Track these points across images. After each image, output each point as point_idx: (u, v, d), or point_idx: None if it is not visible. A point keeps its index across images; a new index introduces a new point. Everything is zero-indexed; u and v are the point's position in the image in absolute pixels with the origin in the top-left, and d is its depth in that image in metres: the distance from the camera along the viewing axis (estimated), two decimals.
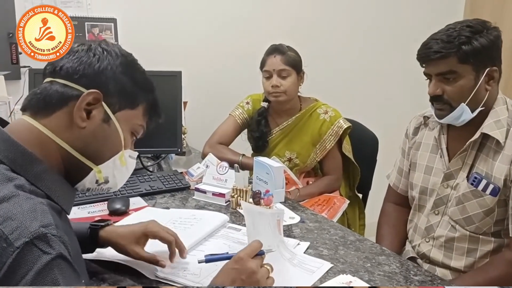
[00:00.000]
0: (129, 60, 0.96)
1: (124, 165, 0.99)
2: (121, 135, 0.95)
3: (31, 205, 0.76)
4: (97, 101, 0.89)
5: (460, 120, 1.40)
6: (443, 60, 1.34)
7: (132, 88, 0.95)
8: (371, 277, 1.20)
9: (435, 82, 1.39)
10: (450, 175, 1.47)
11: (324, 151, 2.14)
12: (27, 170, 0.83)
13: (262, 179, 1.71)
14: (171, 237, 1.17)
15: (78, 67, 0.89)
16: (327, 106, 2.18)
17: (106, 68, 0.91)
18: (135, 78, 0.96)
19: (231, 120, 2.24)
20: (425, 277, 1.23)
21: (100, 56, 0.91)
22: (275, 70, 2.05)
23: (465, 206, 1.42)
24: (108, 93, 0.91)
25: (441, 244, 1.49)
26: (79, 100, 0.87)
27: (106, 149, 0.94)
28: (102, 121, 0.91)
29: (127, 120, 0.96)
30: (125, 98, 0.94)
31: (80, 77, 0.89)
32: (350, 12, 3.06)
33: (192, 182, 1.82)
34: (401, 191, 1.69)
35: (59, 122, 0.88)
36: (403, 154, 1.68)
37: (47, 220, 0.75)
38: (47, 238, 0.72)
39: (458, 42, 1.32)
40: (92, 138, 0.91)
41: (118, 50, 0.95)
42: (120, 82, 0.93)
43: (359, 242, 1.41)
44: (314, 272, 1.20)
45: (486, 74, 1.35)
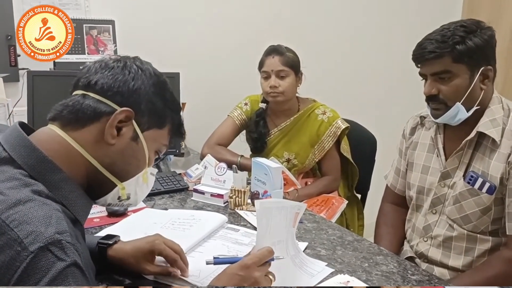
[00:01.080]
0: (161, 80, 0.97)
1: (145, 182, 1.00)
2: (146, 154, 0.96)
3: (47, 210, 0.76)
4: (129, 119, 0.90)
5: (455, 120, 1.40)
6: (437, 60, 1.35)
7: (162, 109, 0.96)
8: (369, 277, 1.21)
9: (430, 82, 1.40)
10: (447, 174, 1.47)
11: (322, 151, 2.15)
12: (45, 178, 0.83)
13: (261, 180, 1.71)
14: (176, 255, 1.16)
15: (113, 84, 0.90)
16: (325, 107, 2.18)
17: (140, 88, 0.92)
18: (165, 99, 0.97)
19: (229, 121, 2.24)
20: (423, 277, 1.23)
21: (135, 75, 0.93)
22: (274, 70, 2.06)
23: (462, 205, 1.43)
24: (139, 112, 0.92)
25: (439, 243, 1.49)
26: (112, 117, 0.88)
27: (132, 167, 0.96)
28: (130, 139, 0.92)
29: (154, 139, 0.97)
30: (155, 118, 0.95)
31: (114, 94, 0.90)
32: (348, 13, 3.07)
33: (190, 183, 1.82)
34: (399, 191, 1.69)
35: (89, 136, 0.89)
36: (400, 154, 1.69)
37: (62, 227, 0.75)
38: (62, 245, 0.73)
39: (452, 42, 1.33)
40: (119, 155, 0.92)
41: (151, 69, 0.97)
42: (152, 102, 0.94)
43: (357, 242, 1.42)
44: (313, 276, 1.20)
45: (480, 73, 1.36)
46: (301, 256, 1.26)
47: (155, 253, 1.17)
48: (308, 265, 1.24)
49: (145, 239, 1.19)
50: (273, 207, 1.11)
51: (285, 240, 1.19)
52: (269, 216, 1.09)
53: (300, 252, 1.27)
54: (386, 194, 1.76)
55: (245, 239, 1.40)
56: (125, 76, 0.92)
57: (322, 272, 1.22)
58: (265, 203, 1.10)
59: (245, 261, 0.98)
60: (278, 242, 1.14)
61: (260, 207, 1.06)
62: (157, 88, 0.95)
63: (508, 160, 1.35)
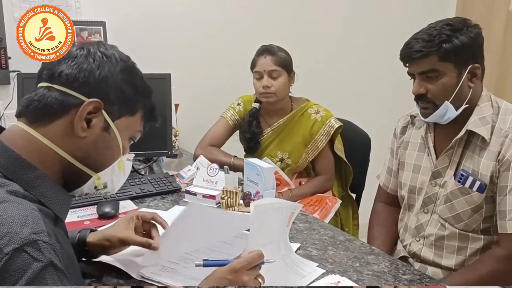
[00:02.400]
0: (128, 65, 0.95)
1: (122, 170, 0.99)
2: (120, 142, 0.94)
3: (23, 211, 0.75)
4: (98, 110, 0.88)
5: (445, 118, 1.40)
6: (424, 59, 1.35)
7: (132, 95, 0.94)
8: (360, 277, 1.20)
9: (418, 81, 1.39)
10: (438, 173, 1.47)
11: (315, 151, 2.14)
12: (20, 177, 0.82)
13: (253, 181, 1.70)
14: (152, 213, 1.21)
15: (78, 74, 0.87)
16: (318, 106, 2.18)
17: (106, 76, 0.89)
18: (135, 85, 0.95)
19: (222, 121, 2.24)
20: (414, 276, 1.23)
21: (100, 62, 0.90)
22: (266, 70, 2.05)
23: (453, 204, 1.42)
24: (109, 101, 0.90)
25: (431, 243, 1.49)
26: (80, 110, 0.86)
27: (106, 157, 0.94)
28: (102, 130, 0.91)
29: (126, 126, 0.95)
30: (125, 105, 0.93)
31: (81, 85, 0.87)
32: (340, 12, 3.06)
33: (183, 184, 1.81)
34: (391, 191, 1.69)
35: (59, 131, 0.86)
36: (391, 153, 1.68)
37: (39, 227, 0.74)
38: (38, 245, 0.71)
39: (439, 40, 1.32)
40: (92, 147, 0.90)
41: (117, 54, 0.93)
42: (121, 89, 0.92)
43: (349, 242, 1.41)
44: (304, 277, 1.19)
45: (468, 72, 1.36)
46: (292, 256, 1.25)
47: (133, 219, 1.19)
48: (299, 266, 1.23)
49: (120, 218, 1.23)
50: (269, 208, 1.10)
51: (277, 240, 1.18)
52: (263, 218, 1.07)
53: (292, 252, 1.26)
54: (379, 194, 1.75)
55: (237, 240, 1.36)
56: (90, 65, 0.88)
57: (313, 273, 1.21)
58: (261, 205, 1.08)
59: (234, 265, 0.96)
60: (269, 243, 1.13)
61: (255, 209, 1.04)
62: (125, 74, 0.92)
63: (498, 158, 1.35)
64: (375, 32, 3.20)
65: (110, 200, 1.63)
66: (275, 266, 1.15)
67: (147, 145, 1.89)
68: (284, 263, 1.21)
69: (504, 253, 1.34)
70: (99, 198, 1.63)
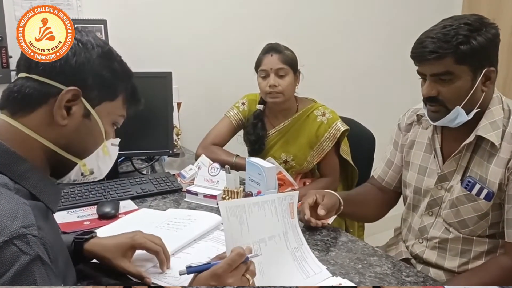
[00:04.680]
0: (105, 51, 0.94)
1: (107, 155, 1.00)
2: (102, 128, 0.95)
3: (13, 205, 0.75)
4: (77, 97, 0.88)
5: (455, 123, 1.34)
6: (439, 61, 1.27)
7: (110, 80, 0.94)
8: (362, 279, 1.18)
9: (430, 83, 1.32)
10: (444, 177, 1.43)
11: (321, 154, 2.11)
12: (11, 169, 0.82)
13: (254, 180, 1.68)
14: (158, 247, 1.16)
15: (54, 63, 0.87)
16: (324, 108, 2.14)
17: (83, 63, 0.89)
18: (112, 69, 0.95)
19: (225, 121, 2.21)
20: (417, 278, 1.20)
21: (76, 50, 0.89)
22: (272, 69, 2.01)
23: (459, 209, 1.38)
24: (87, 88, 0.90)
25: (434, 245, 1.46)
26: (58, 98, 0.86)
27: (89, 144, 0.95)
28: (82, 117, 0.91)
29: (108, 112, 0.96)
30: (104, 90, 0.94)
31: (58, 73, 0.88)
32: (345, 9, 3.03)
33: (184, 184, 1.80)
34: (386, 184, 1.64)
35: (40, 120, 0.87)
36: (395, 146, 1.63)
37: (29, 220, 0.74)
38: (27, 239, 0.72)
39: (456, 41, 1.24)
40: (74, 134, 0.91)
41: (93, 40, 0.93)
42: (98, 75, 0.92)
43: (351, 243, 1.39)
44: (308, 277, 1.17)
45: (483, 75, 1.29)
46: (304, 249, 1.23)
47: (136, 247, 1.16)
48: (308, 262, 1.21)
49: (125, 234, 1.19)
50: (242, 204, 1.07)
51: (282, 234, 1.16)
52: (241, 216, 1.05)
53: (304, 245, 1.24)
54: (370, 180, 1.73)
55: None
56: (65, 54, 0.88)
57: (319, 275, 1.19)
58: (227, 202, 1.07)
59: (216, 270, 0.92)
60: (269, 238, 1.11)
61: (221, 208, 1.02)
62: (103, 59, 0.92)
63: (508, 166, 1.29)
64: (379, 29, 3.17)
65: (111, 200, 1.62)
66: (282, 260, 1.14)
67: (148, 144, 1.88)
68: (293, 257, 1.18)
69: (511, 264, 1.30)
70: (99, 198, 1.63)
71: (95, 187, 1.70)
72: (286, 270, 1.15)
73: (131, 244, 1.15)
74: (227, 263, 0.92)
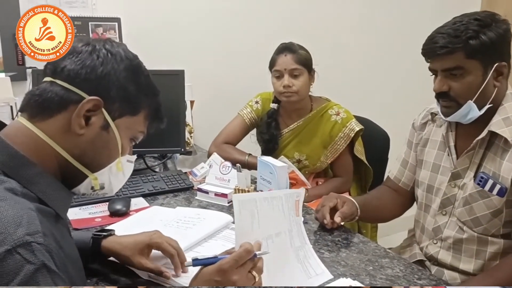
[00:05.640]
0: (133, 64, 0.92)
1: (120, 171, 0.96)
2: (119, 142, 0.92)
3: (18, 210, 0.72)
4: (97, 108, 0.86)
5: (467, 118, 1.33)
6: (449, 56, 1.28)
7: (134, 95, 0.91)
8: (372, 281, 1.16)
9: (441, 78, 1.33)
10: (457, 175, 1.41)
11: (335, 153, 2.09)
12: (19, 173, 0.80)
13: (266, 179, 1.67)
14: (173, 250, 1.14)
15: (81, 70, 0.86)
16: (339, 107, 2.11)
17: (109, 74, 0.87)
18: (138, 84, 0.92)
19: (238, 119, 2.20)
20: (430, 281, 1.18)
21: (104, 60, 0.87)
22: (287, 69, 1.99)
23: (472, 207, 1.36)
24: (109, 99, 0.87)
25: (449, 245, 1.43)
26: (79, 107, 0.84)
27: (103, 157, 0.92)
28: (101, 129, 0.88)
29: (127, 127, 0.93)
30: (127, 104, 0.91)
31: (82, 81, 0.85)
32: (360, 8, 3.00)
33: (195, 182, 1.79)
34: (403, 185, 1.63)
35: (57, 127, 0.85)
36: (409, 146, 1.62)
37: (34, 227, 0.71)
38: (32, 247, 0.69)
39: (466, 36, 1.25)
40: (89, 145, 0.88)
41: (123, 52, 0.91)
42: (123, 88, 0.89)
43: (363, 244, 1.37)
44: (310, 278, 1.16)
45: (494, 70, 1.29)
46: (307, 249, 1.22)
47: (153, 246, 1.15)
48: (310, 262, 1.20)
49: (143, 233, 1.17)
50: (252, 199, 1.05)
51: (287, 231, 1.15)
52: (252, 210, 1.03)
53: (307, 244, 1.23)
54: (386, 181, 1.71)
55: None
56: (93, 61, 0.86)
57: (321, 276, 1.17)
58: (241, 196, 1.07)
59: (222, 265, 0.90)
60: (276, 235, 1.10)
61: (234, 201, 1.00)
62: (129, 72, 0.90)
63: None
64: (395, 27, 3.12)
65: (122, 197, 1.62)
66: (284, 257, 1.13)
67: (159, 142, 1.87)
68: (296, 256, 1.17)
69: None
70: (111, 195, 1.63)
71: None
72: (289, 269, 1.14)
73: (148, 243, 1.14)
74: (234, 258, 0.90)
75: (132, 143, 0.98)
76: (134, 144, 0.99)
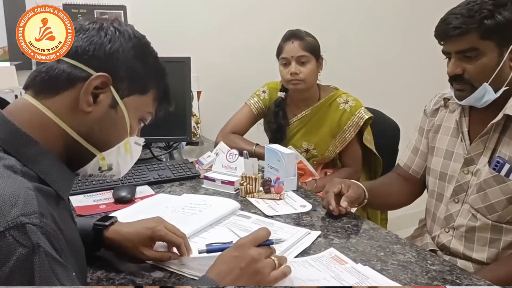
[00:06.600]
0: (142, 42, 0.90)
1: (129, 152, 0.93)
2: (127, 121, 0.89)
3: (15, 189, 0.68)
4: (106, 85, 0.83)
5: (482, 101, 1.29)
6: (463, 37, 1.24)
7: (143, 73, 0.89)
8: (384, 266, 1.12)
9: (454, 61, 1.29)
10: (471, 160, 1.37)
11: (343, 142, 2.05)
12: (20, 151, 0.77)
13: (274, 167, 1.63)
14: (179, 239, 1.11)
15: (88, 47, 0.83)
16: (347, 95, 2.08)
17: (117, 51, 0.85)
18: (147, 63, 0.90)
19: (246, 109, 2.17)
20: (443, 267, 1.13)
21: (112, 37, 0.85)
22: (294, 56, 1.96)
23: (487, 193, 1.32)
24: (118, 77, 0.85)
25: (461, 234, 1.39)
26: (86, 83, 0.81)
27: (112, 136, 0.89)
28: (109, 107, 0.85)
29: (136, 106, 0.90)
30: (135, 83, 0.88)
31: (90, 58, 0.83)
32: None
33: (202, 170, 1.76)
34: (413, 172, 1.58)
35: (64, 104, 0.82)
36: (420, 132, 1.57)
37: (30, 207, 0.68)
38: (25, 229, 0.65)
39: (480, 16, 1.21)
40: (97, 124, 0.85)
41: (131, 31, 0.89)
42: (131, 66, 0.87)
43: (373, 230, 1.33)
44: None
45: (510, 51, 1.24)
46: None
47: (156, 239, 1.12)
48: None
49: (145, 223, 1.13)
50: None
51: None
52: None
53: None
54: (395, 168, 1.67)
55: (255, 226, 1.33)
56: (101, 39, 0.84)
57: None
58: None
59: (239, 241, 0.94)
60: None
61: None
62: (138, 51, 0.88)
63: None
64: (403, 16, 3.08)
65: (127, 184, 1.59)
66: None
67: (166, 131, 1.85)
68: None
69: None
70: (116, 183, 1.61)
71: None
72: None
73: (151, 236, 1.11)
74: (252, 235, 0.95)
75: (140, 124, 0.95)
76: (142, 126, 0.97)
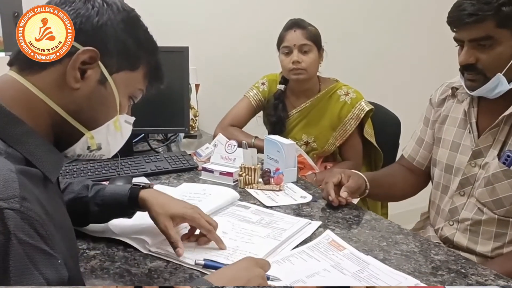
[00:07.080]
0: (131, 16, 0.85)
1: (118, 131, 0.89)
2: (117, 98, 0.85)
3: None
4: (94, 60, 0.79)
5: (494, 92, 1.24)
6: (478, 24, 1.17)
7: (133, 48, 0.85)
8: (387, 256, 1.09)
9: (468, 49, 1.23)
10: (479, 153, 1.32)
11: (344, 135, 2.02)
12: (5, 132, 0.72)
13: (273, 158, 1.60)
14: (210, 226, 1.10)
15: (75, 20, 0.79)
16: (348, 87, 2.05)
17: (105, 24, 0.80)
18: (137, 37, 0.85)
19: (245, 101, 2.14)
20: (448, 257, 1.10)
21: (99, 9, 0.81)
22: (296, 45, 1.93)
23: (495, 187, 1.28)
24: (106, 52, 0.80)
25: (465, 227, 1.35)
26: (73, 58, 0.77)
27: (101, 114, 0.85)
28: (97, 83, 0.81)
29: (126, 82, 0.86)
30: (125, 58, 0.84)
31: (77, 32, 0.78)
32: None
33: (200, 162, 1.73)
34: (418, 164, 1.55)
35: (50, 80, 0.78)
36: (425, 123, 1.53)
37: (10, 191, 0.63)
38: (3, 214, 0.60)
39: (498, 3, 1.15)
40: (86, 100, 0.80)
41: (119, 3, 0.84)
42: (121, 40, 0.82)
43: (375, 221, 1.30)
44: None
45: None
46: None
47: (186, 220, 1.11)
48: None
49: (183, 203, 1.14)
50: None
51: None
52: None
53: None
54: (399, 160, 1.63)
55: (254, 216, 1.30)
56: (88, 11, 0.80)
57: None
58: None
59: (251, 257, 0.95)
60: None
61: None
62: (127, 24, 0.83)
63: None
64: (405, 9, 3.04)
65: (123, 175, 1.56)
66: None
67: (163, 122, 1.81)
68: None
69: None
70: (112, 174, 1.58)
71: (108, 163, 1.65)
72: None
73: (183, 216, 1.09)
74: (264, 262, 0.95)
75: (130, 102, 0.91)
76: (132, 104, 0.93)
